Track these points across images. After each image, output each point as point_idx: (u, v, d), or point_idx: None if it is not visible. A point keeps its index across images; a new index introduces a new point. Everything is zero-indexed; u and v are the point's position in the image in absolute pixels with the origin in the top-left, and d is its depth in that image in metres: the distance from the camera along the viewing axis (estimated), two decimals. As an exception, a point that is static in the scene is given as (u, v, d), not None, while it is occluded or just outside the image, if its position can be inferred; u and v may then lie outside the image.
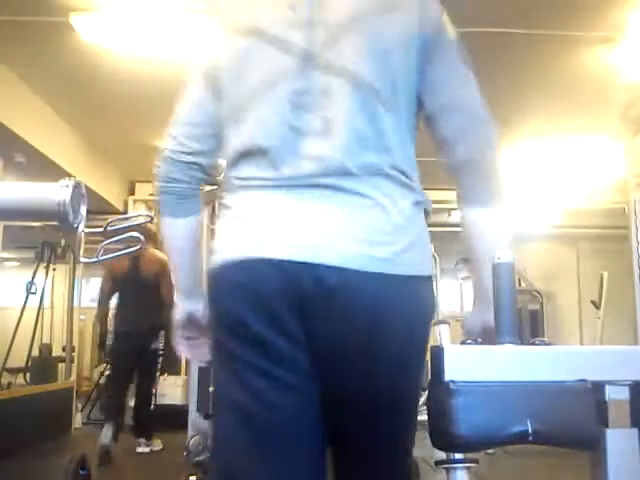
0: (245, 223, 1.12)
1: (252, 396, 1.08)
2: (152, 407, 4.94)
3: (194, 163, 1.23)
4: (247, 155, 1.15)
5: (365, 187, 1.11)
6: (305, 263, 1.06)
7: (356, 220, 1.09)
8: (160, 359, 4.82)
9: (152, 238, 4.10)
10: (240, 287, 1.09)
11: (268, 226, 1.10)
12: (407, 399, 1.17)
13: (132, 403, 5.05)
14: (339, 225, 1.08)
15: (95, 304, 5.17)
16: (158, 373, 5.01)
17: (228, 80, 1.18)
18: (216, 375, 1.18)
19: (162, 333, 4.61)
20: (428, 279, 1.16)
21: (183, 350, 1.39)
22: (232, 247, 1.12)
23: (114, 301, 4.88)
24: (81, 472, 3.21)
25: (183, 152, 1.22)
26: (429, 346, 1.05)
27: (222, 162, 1.26)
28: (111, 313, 4.88)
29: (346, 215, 1.09)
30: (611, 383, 1.40)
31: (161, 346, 4.73)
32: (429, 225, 1.21)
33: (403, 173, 1.14)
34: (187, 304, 1.33)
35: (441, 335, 2.05)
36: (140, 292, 4.54)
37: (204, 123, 1.22)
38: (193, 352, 1.42)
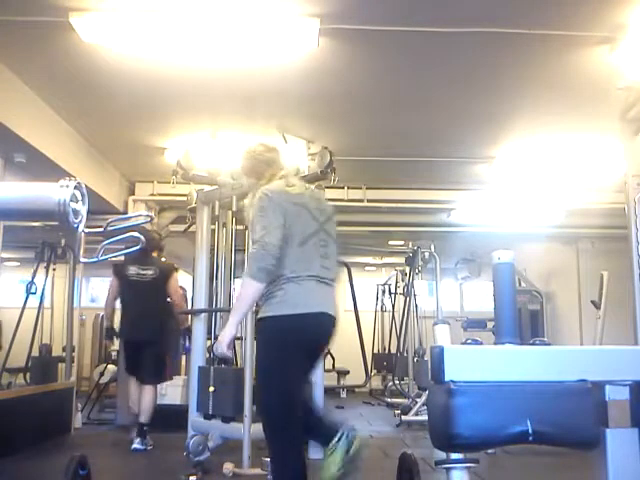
0: (303, 296, 2.67)
1: (298, 363, 2.73)
2: None
3: (278, 258, 2.59)
4: (298, 265, 2.67)
5: (334, 283, 2.80)
6: (322, 313, 2.71)
7: (332, 296, 2.79)
8: None
9: None
10: (305, 322, 2.67)
11: (310, 298, 2.68)
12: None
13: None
14: (329, 298, 2.76)
15: (94, 304, 5.21)
16: None
17: (290, 221, 2.65)
18: (280, 357, 2.66)
19: None
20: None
21: (228, 351, 2.74)
22: (300, 306, 2.65)
23: None
24: (81, 472, 3.21)
25: (277, 252, 2.58)
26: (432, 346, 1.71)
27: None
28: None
29: (331, 294, 2.78)
30: (611, 383, 1.40)
31: None
32: (430, 225, 2.33)
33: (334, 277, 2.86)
34: (235, 329, 2.73)
35: (441, 335, 2.04)
36: None
37: (282, 237, 2.61)
38: (228, 352, 2.75)
